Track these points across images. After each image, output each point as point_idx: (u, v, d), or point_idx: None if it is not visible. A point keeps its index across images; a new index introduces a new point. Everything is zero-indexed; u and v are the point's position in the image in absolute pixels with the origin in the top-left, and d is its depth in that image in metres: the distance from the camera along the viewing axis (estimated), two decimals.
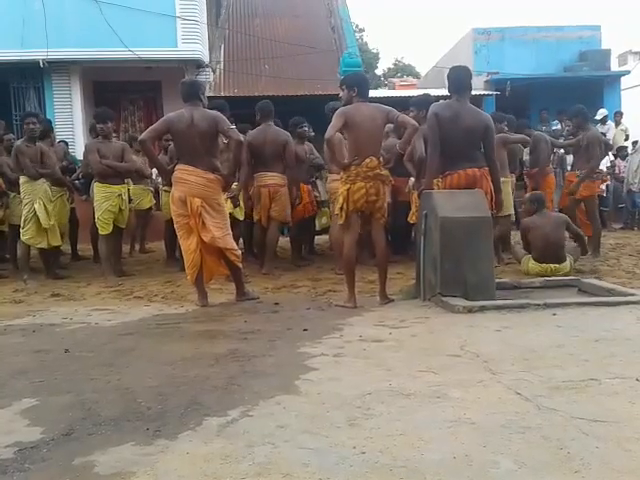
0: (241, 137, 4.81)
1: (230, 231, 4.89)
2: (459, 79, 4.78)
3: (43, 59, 10.30)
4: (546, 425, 2.18)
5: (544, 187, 7.08)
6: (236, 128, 4.92)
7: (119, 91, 11.67)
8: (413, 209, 5.94)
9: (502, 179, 5.26)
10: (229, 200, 5.86)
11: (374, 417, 2.32)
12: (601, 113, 11.77)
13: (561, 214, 6.12)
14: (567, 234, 6.10)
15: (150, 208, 8.24)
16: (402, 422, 2.26)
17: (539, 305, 4.02)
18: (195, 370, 3.00)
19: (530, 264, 5.73)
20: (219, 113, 4.83)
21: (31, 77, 10.80)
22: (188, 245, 4.70)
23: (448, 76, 4.87)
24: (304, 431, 2.21)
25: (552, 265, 5.58)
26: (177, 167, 4.69)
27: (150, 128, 4.80)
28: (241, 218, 6.49)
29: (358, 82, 4.62)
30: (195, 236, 4.66)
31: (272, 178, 6.24)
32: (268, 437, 2.16)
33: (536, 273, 5.60)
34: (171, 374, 2.96)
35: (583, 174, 6.75)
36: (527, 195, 6.43)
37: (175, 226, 4.83)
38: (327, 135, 4.48)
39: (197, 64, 11.05)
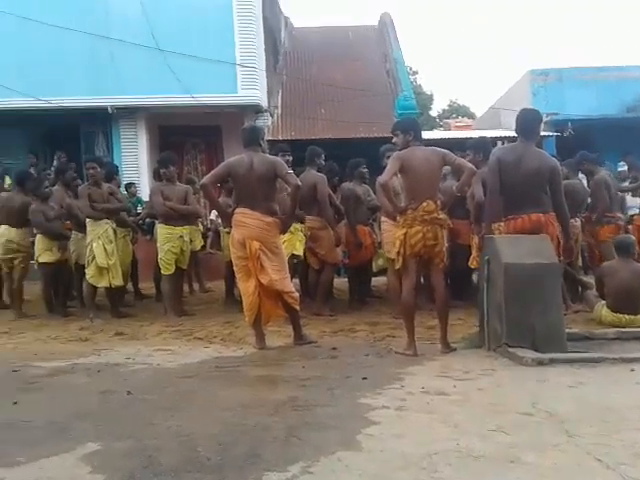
0: (298, 182, 4.87)
1: (288, 274, 4.90)
2: (527, 122, 4.70)
3: (111, 105, 10.88)
4: None
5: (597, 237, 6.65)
6: (294, 172, 5.00)
7: (182, 135, 12.14)
8: (474, 253, 5.78)
9: None
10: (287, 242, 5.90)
11: None
12: None
13: None
14: None
15: (202, 248, 8.38)
16: None
17: (615, 359, 3.79)
18: (255, 418, 2.95)
19: (604, 312, 5.44)
20: (278, 158, 4.93)
21: (100, 122, 11.41)
22: (247, 288, 4.74)
23: (517, 117, 4.78)
24: None
25: (627, 315, 5.27)
26: (236, 210, 4.78)
27: (211, 173, 4.94)
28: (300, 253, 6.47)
29: (412, 126, 4.62)
30: (253, 279, 4.69)
31: (309, 222, 6.28)
32: None
33: (609, 322, 5.30)
34: (231, 421, 2.93)
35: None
36: (616, 238, 6.12)
37: (234, 268, 4.89)
38: (382, 180, 4.47)
39: (256, 109, 11.39)
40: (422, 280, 4.88)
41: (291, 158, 6.23)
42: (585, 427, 2.70)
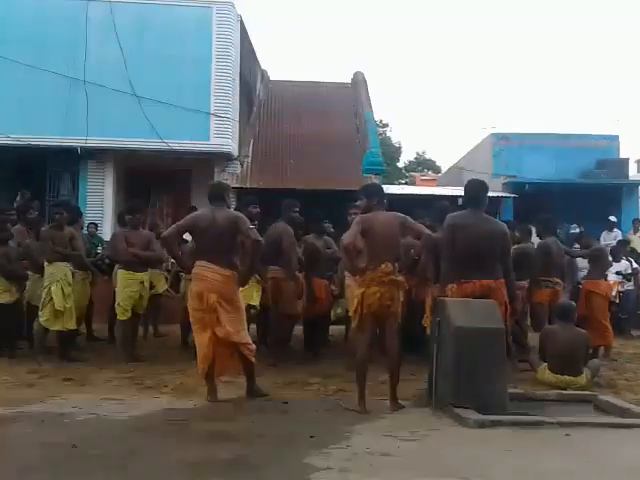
0: (259, 237, 5.00)
1: (245, 326, 4.96)
2: (475, 192, 4.99)
3: (81, 146, 10.93)
4: None
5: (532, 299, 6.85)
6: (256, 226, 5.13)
7: (151, 178, 12.21)
8: (427, 313, 5.96)
9: None
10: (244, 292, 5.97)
11: None
12: (610, 220, 11.88)
13: (584, 331, 5.99)
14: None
15: (162, 292, 8.36)
16: None
17: (552, 423, 3.94)
18: (202, 479, 2.97)
19: (546, 374, 5.64)
20: (240, 214, 5.06)
21: (68, 163, 11.41)
22: (202, 340, 4.77)
23: (465, 188, 5.08)
24: None
25: (568, 377, 5.48)
26: (196, 263, 4.85)
27: (174, 225, 5.05)
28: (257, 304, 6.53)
29: (377, 192, 4.86)
30: (209, 331, 4.74)
31: (273, 272, 6.38)
32: None
33: (550, 383, 5.50)
34: None
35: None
36: (560, 302, 6.38)
37: (191, 319, 4.93)
38: (345, 242, 4.64)
39: (227, 157, 11.61)
40: (378, 332, 5.01)
41: (258, 210, 6.38)
42: None
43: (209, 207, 4.96)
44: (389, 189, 10.50)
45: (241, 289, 5.42)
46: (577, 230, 12.12)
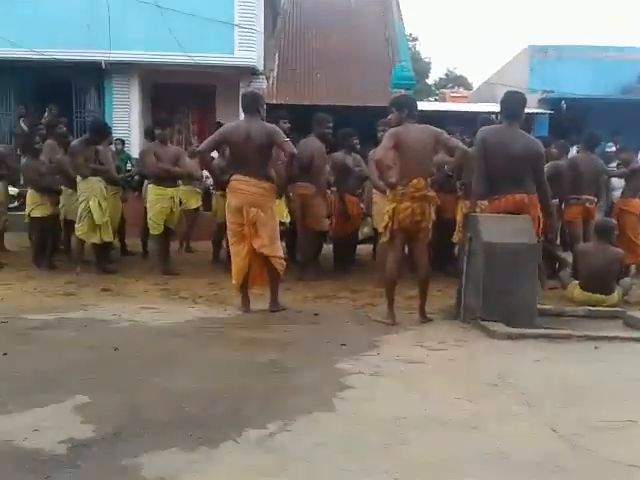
0: (294, 150, 4.94)
1: (279, 239, 5.01)
2: (512, 105, 4.78)
3: (105, 60, 10.74)
4: (580, 467, 2.19)
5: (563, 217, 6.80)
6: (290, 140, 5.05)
7: (176, 93, 12.02)
8: (457, 228, 5.93)
9: None
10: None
11: (408, 443, 2.37)
12: None
13: (620, 250, 5.90)
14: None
15: (197, 208, 8.47)
16: (435, 451, 2.30)
17: (581, 337, 3.98)
18: (237, 379, 3.11)
19: (576, 291, 5.64)
20: (275, 126, 4.96)
21: (93, 77, 11.26)
22: (238, 251, 4.84)
23: (502, 100, 4.85)
24: (340, 452, 2.28)
25: (599, 295, 5.47)
26: (233, 177, 4.83)
27: (208, 139, 4.97)
28: (287, 221, 6.57)
29: (408, 104, 4.69)
30: (247, 243, 4.80)
31: (302, 188, 6.35)
32: (305, 454, 2.24)
33: (581, 301, 5.50)
34: (215, 381, 3.08)
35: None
36: (599, 220, 6.26)
37: (228, 232, 4.97)
38: (376, 156, 4.55)
39: (252, 71, 11.29)
40: (407, 250, 5.02)
41: (289, 125, 6.26)
42: (545, 399, 2.89)
43: (244, 118, 4.87)
44: (418, 105, 10.16)
45: None
46: (613, 149, 11.69)
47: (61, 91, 10.93)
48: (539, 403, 2.83)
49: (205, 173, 8.63)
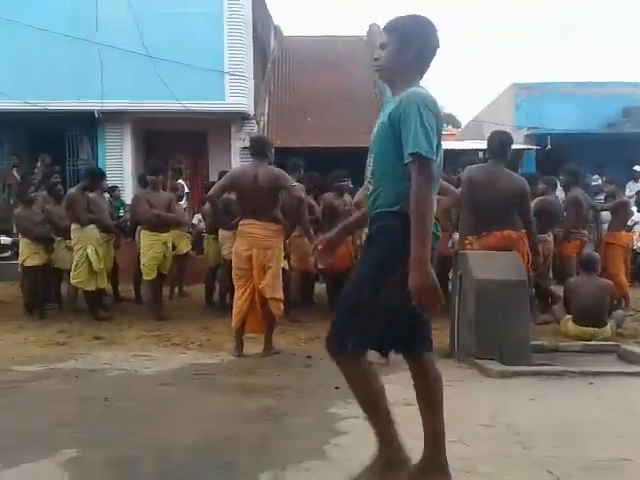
0: (302, 194, 5.03)
1: (281, 280, 5.02)
2: (498, 144, 4.88)
3: (97, 109, 10.92)
4: None
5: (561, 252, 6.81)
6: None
7: (168, 140, 12.19)
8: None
9: None
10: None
11: None
12: (635, 170, 11.59)
13: (609, 281, 5.95)
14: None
15: (187, 253, 8.47)
16: None
17: (575, 373, 3.96)
18: (229, 428, 3.06)
19: (569, 325, 5.64)
20: (281, 170, 5.03)
21: (86, 126, 11.44)
22: (242, 293, 4.85)
23: (488, 139, 4.97)
24: None
25: (592, 329, 5.47)
26: (242, 222, 4.88)
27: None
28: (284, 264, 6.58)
29: None
30: (251, 286, 4.82)
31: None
32: None
33: (574, 335, 5.50)
34: (206, 431, 3.03)
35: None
36: (581, 255, 6.32)
37: (234, 275, 4.97)
38: (356, 199, 4.64)
39: (243, 116, 11.50)
40: None
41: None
42: (540, 440, 2.85)
43: (252, 162, 4.96)
44: None
45: None
46: (599, 182, 11.88)
47: (54, 140, 11.10)
48: (534, 444, 2.80)
49: (198, 217, 8.71)
